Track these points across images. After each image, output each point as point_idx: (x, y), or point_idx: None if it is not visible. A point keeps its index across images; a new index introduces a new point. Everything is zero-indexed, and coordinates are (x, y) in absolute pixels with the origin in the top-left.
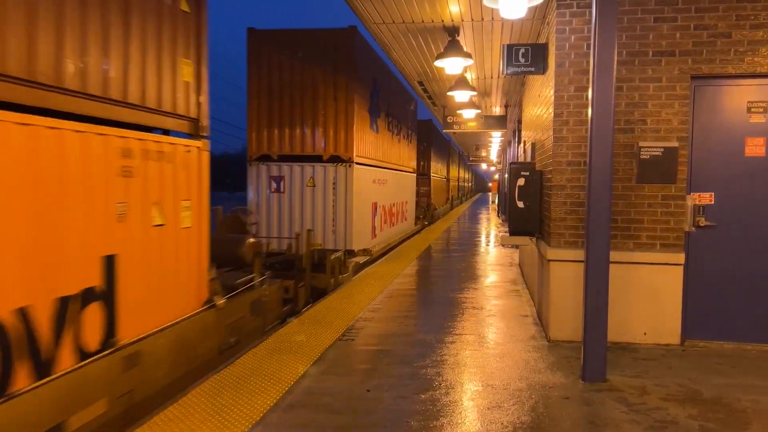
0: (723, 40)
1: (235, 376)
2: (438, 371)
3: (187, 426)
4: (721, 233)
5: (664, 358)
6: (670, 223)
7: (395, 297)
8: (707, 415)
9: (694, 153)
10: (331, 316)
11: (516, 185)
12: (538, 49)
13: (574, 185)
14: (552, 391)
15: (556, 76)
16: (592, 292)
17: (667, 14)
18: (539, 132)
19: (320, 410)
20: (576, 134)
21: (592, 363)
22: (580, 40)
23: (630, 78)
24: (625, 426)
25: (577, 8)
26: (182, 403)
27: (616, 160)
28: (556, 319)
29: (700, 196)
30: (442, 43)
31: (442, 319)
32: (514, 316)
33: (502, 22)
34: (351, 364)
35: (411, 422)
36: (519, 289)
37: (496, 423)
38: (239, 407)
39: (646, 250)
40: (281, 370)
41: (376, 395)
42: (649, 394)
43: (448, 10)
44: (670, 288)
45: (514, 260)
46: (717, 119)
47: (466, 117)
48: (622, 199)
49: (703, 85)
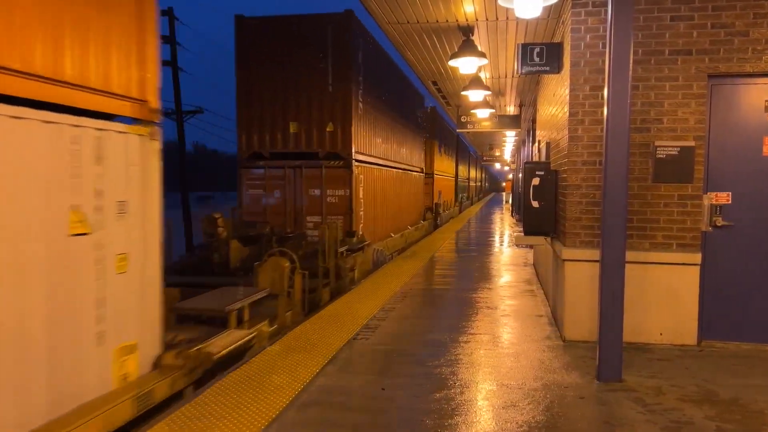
0: (740, 38)
1: (251, 374)
2: (452, 370)
3: (204, 423)
4: (739, 233)
5: (680, 358)
6: (686, 222)
7: (409, 296)
8: (724, 416)
9: (711, 152)
10: (346, 315)
11: (530, 185)
12: (552, 49)
13: (589, 185)
14: (567, 391)
15: (571, 76)
16: (608, 292)
17: (683, 12)
18: (554, 131)
19: (335, 408)
20: (591, 133)
21: (607, 363)
22: (595, 39)
23: (646, 77)
24: (640, 426)
25: (592, 7)
26: (199, 401)
27: (632, 160)
28: (571, 319)
29: (717, 196)
30: (456, 42)
31: (456, 319)
32: (529, 315)
33: (516, 22)
34: (365, 363)
35: (426, 421)
36: (533, 289)
37: (510, 422)
38: (255, 405)
39: (662, 250)
40: (296, 369)
41: (391, 394)
42: (665, 395)
43: (462, 10)
44: (686, 288)
45: (529, 260)
46: (734, 118)
47: (480, 116)
48: (638, 199)
49: (720, 83)
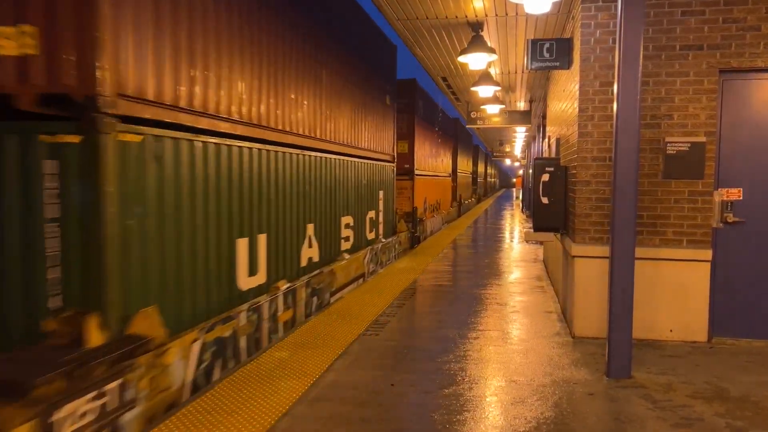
0: (752, 33)
1: (262, 369)
2: (462, 366)
3: (215, 417)
4: (750, 229)
5: (690, 355)
6: (697, 219)
7: (419, 292)
8: (734, 413)
9: (722, 148)
10: (356, 310)
11: (540, 181)
12: (562, 44)
13: (599, 181)
14: (576, 387)
15: (581, 71)
16: (618, 289)
17: (695, 7)
18: (564, 127)
19: (345, 403)
20: (601, 129)
21: (617, 360)
22: (605, 34)
23: (656, 72)
24: (650, 422)
25: (602, 2)
26: (210, 395)
27: (642, 156)
28: (580, 316)
29: (728, 192)
30: (465, 38)
31: (465, 315)
32: (539, 312)
33: (526, 17)
34: (375, 359)
35: (435, 416)
36: (543, 285)
37: (519, 418)
38: (265, 399)
39: (672, 246)
40: (306, 364)
41: (401, 390)
42: (675, 391)
43: (472, 6)
44: (696, 285)
45: (539, 256)
46: (746, 114)
47: (489, 112)
48: (648, 195)
49: (731, 79)
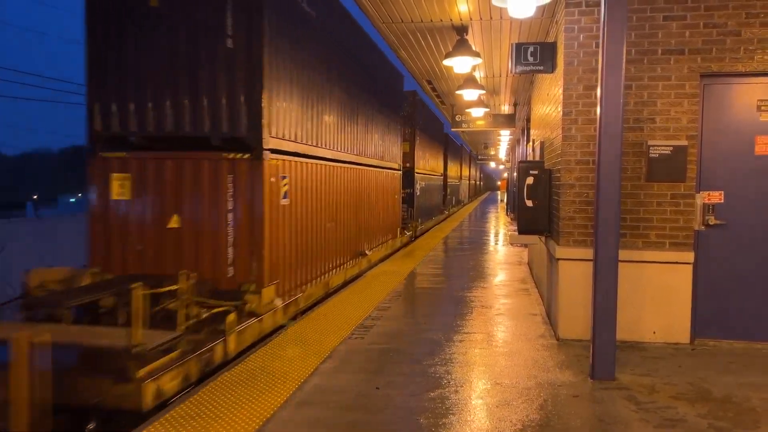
0: (733, 38)
1: (246, 373)
2: (447, 369)
3: (199, 423)
4: (731, 232)
5: (673, 356)
6: (679, 221)
7: (404, 296)
8: (717, 414)
9: (704, 151)
10: (340, 314)
11: (525, 184)
12: (546, 48)
13: (583, 184)
14: (561, 389)
15: (564, 75)
16: (601, 291)
17: (676, 12)
18: (548, 130)
19: (330, 407)
20: (585, 133)
21: (601, 361)
22: (589, 38)
23: (639, 76)
24: (634, 424)
25: (586, 6)
26: (194, 400)
27: (625, 159)
28: (565, 318)
29: (709, 195)
30: (450, 41)
31: (451, 317)
32: (523, 314)
33: (510, 21)
34: (360, 362)
35: (420, 419)
36: (528, 288)
37: (505, 420)
38: (251, 404)
39: (655, 248)
40: (291, 368)
41: (386, 393)
42: (658, 393)
43: (456, 9)
44: (679, 287)
45: (523, 259)
46: (727, 117)
47: (474, 115)
48: (631, 198)
49: (712, 83)
